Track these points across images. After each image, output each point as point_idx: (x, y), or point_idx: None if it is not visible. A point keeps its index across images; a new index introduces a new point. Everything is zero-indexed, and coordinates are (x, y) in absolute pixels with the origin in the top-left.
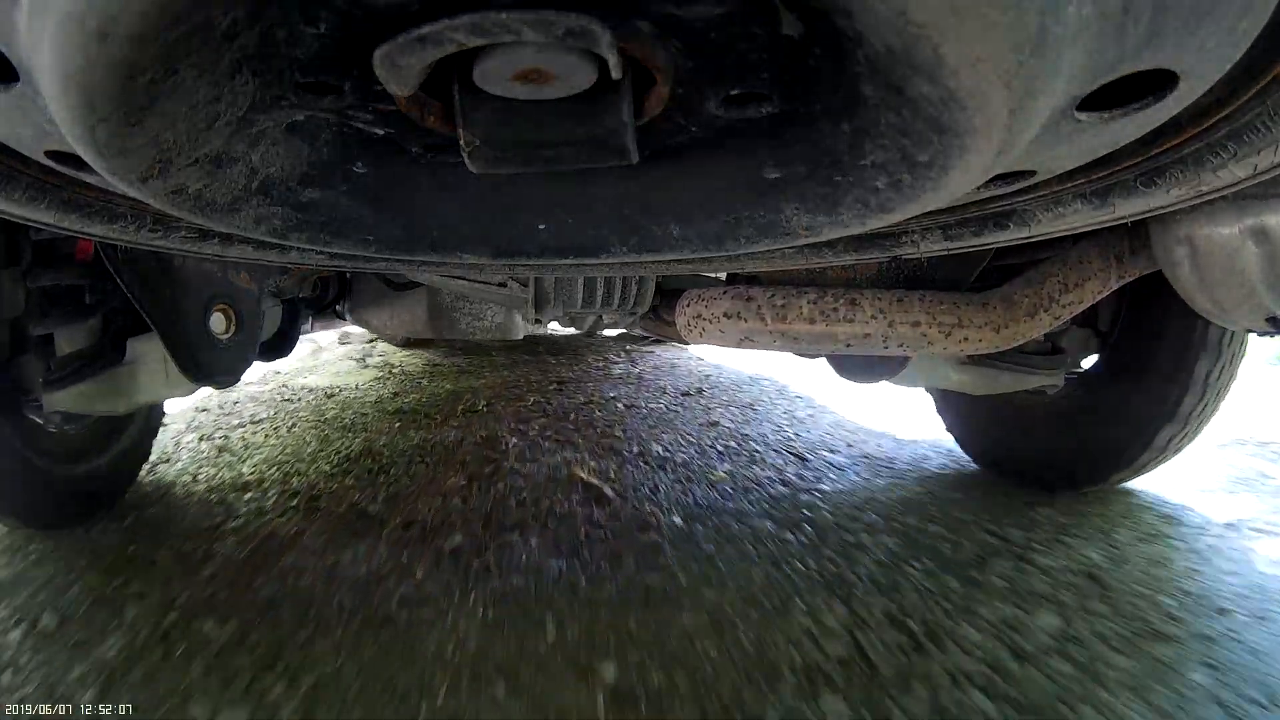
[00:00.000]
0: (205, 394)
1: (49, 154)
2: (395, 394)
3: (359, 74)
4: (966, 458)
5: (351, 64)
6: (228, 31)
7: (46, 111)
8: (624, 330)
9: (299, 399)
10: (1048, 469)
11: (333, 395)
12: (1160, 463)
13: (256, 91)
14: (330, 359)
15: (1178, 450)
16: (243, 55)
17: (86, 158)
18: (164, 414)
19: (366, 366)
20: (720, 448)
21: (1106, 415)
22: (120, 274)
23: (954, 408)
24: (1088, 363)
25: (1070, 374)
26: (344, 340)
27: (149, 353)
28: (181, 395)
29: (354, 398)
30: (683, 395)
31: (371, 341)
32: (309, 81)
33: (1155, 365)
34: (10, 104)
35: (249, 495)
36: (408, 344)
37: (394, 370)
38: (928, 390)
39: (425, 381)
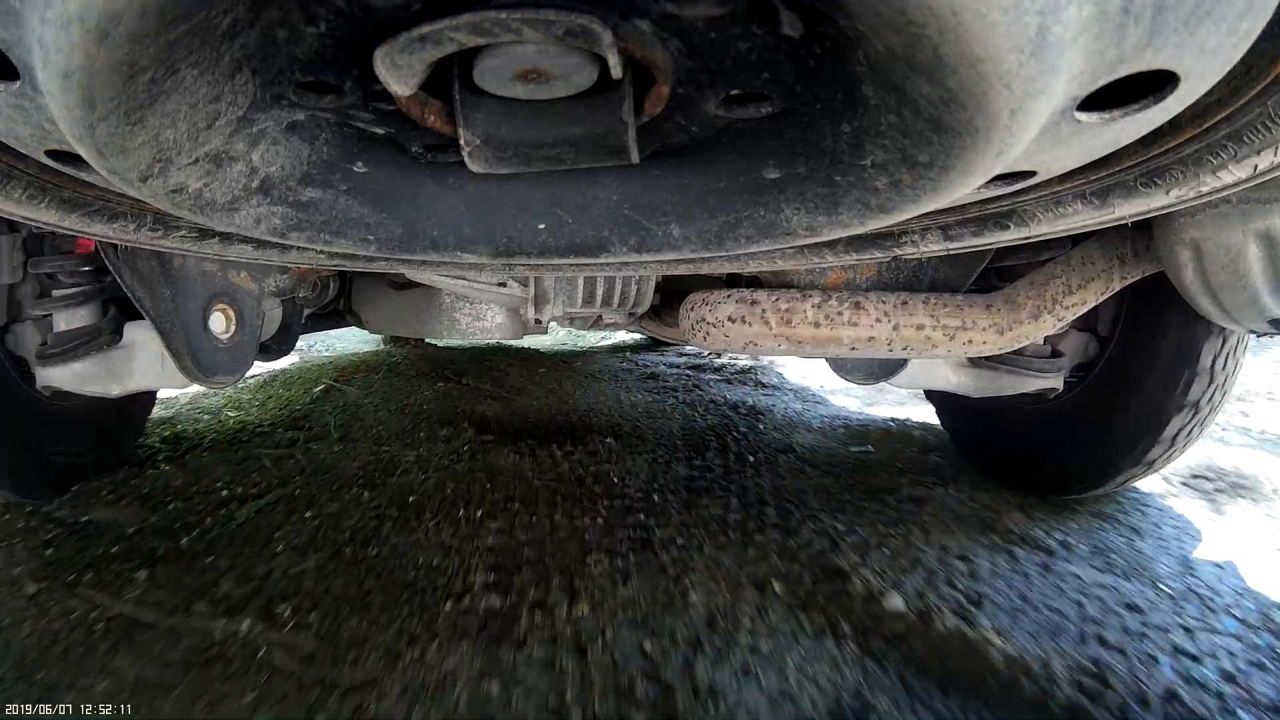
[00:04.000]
0: None
1: (49, 153)
2: None
3: (359, 73)
4: None
5: (352, 63)
6: (228, 31)
7: (46, 110)
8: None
9: None
10: (1045, 474)
11: None
12: (1159, 468)
13: (257, 91)
14: None
15: (1178, 455)
16: (243, 54)
17: (86, 157)
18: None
19: None
20: None
21: (1105, 421)
22: (120, 273)
23: (950, 405)
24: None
25: (1070, 378)
26: None
27: (146, 339)
28: (176, 386)
29: None
30: None
31: None
32: (309, 81)
33: (1153, 373)
34: (10, 102)
35: None
36: (403, 344)
37: None
38: (926, 394)
39: None
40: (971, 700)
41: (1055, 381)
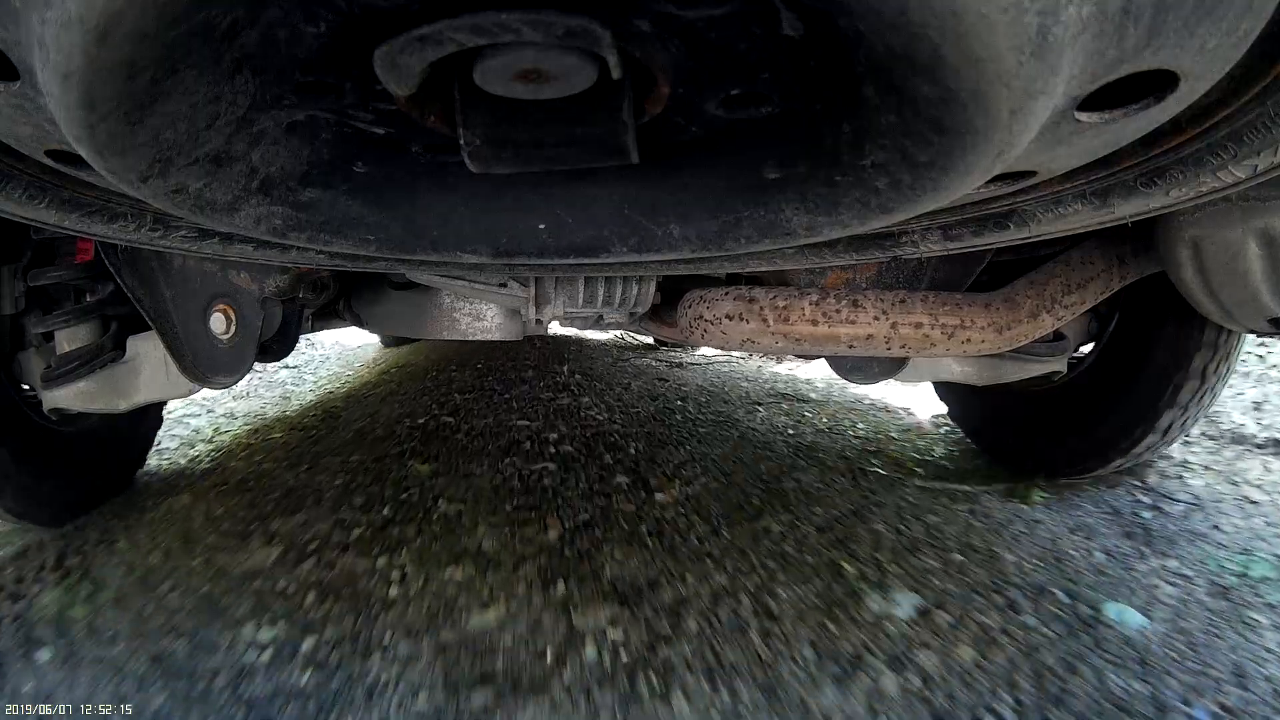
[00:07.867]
0: None
1: (49, 153)
2: None
3: (359, 74)
4: None
5: (352, 64)
6: (228, 31)
7: (46, 110)
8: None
9: None
10: (1048, 453)
11: None
12: (1161, 447)
13: (257, 91)
14: None
15: (1178, 435)
16: (243, 55)
17: (86, 157)
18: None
19: None
20: None
21: (1108, 400)
22: (120, 274)
23: (955, 392)
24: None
25: (1073, 359)
26: None
27: (149, 351)
28: (182, 395)
29: None
30: None
31: None
32: (309, 81)
33: (1155, 353)
34: (10, 102)
35: None
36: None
37: None
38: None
39: None
40: None
41: (1058, 365)
